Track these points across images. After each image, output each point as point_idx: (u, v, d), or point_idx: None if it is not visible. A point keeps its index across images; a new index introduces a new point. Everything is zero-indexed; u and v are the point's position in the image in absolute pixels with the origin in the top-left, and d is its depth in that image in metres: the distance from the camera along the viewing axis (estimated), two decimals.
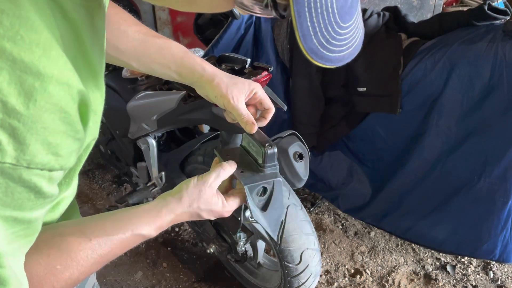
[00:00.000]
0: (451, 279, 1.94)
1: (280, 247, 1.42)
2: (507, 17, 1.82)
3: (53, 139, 0.37)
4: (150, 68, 0.81)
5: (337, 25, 0.40)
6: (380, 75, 1.94)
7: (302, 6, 0.37)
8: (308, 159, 1.61)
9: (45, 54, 0.34)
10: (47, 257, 0.50)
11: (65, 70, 0.37)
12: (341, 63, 0.43)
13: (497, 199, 1.76)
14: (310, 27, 0.39)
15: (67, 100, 0.37)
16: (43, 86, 0.34)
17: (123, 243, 0.59)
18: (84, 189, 2.54)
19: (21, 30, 0.33)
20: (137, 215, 0.62)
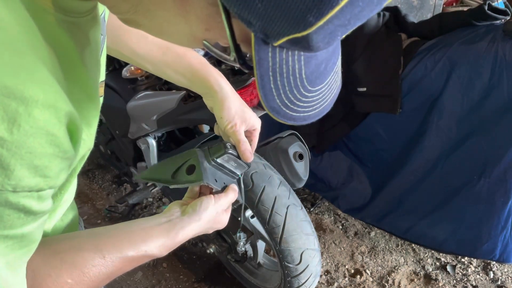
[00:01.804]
0: (451, 279, 1.94)
1: (280, 247, 1.42)
2: (507, 17, 1.82)
3: (39, 162, 0.36)
4: (165, 74, 0.82)
5: (304, 89, 0.40)
6: (380, 75, 1.94)
7: (266, 70, 0.37)
8: (308, 159, 1.61)
9: (29, 77, 0.33)
10: (59, 270, 0.50)
11: (51, 92, 0.35)
12: (305, 122, 0.43)
13: (497, 199, 1.76)
14: (273, 89, 0.39)
15: (53, 123, 0.36)
16: (28, 110, 0.33)
17: (134, 261, 0.59)
18: (84, 189, 2.54)
19: (5, 54, 0.32)
20: (153, 235, 0.62)
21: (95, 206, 2.40)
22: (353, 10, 0.32)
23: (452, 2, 3.20)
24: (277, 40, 0.35)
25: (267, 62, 0.37)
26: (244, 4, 0.32)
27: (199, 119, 1.58)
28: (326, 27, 0.33)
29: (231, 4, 0.33)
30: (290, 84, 0.39)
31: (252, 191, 1.41)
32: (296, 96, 0.40)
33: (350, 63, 2.00)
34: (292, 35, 0.34)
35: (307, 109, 0.42)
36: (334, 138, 2.18)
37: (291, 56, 0.38)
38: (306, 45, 0.35)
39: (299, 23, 0.32)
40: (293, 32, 0.33)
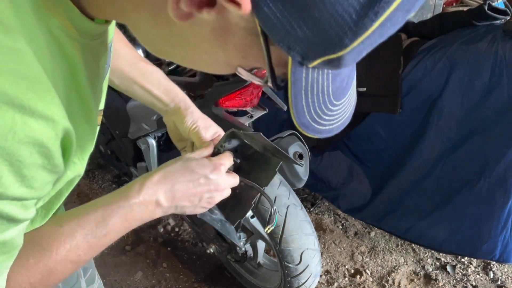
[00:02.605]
0: (451, 279, 1.94)
1: (280, 247, 1.42)
2: (507, 17, 1.82)
3: (27, 172, 0.36)
4: (130, 89, 0.82)
5: (331, 103, 0.43)
6: (380, 75, 1.93)
7: (300, 89, 0.40)
8: (308, 159, 1.61)
9: (31, 88, 0.34)
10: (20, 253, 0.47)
11: (51, 105, 0.36)
12: (330, 134, 0.46)
13: (497, 199, 1.76)
14: (305, 106, 0.41)
15: (49, 136, 0.36)
16: (24, 119, 0.33)
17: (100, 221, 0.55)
18: (84, 189, 2.54)
19: (10, 63, 0.32)
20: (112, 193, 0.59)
21: None
22: (381, 30, 0.34)
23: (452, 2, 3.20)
24: (313, 62, 0.37)
25: (301, 82, 0.39)
26: (286, 33, 0.33)
27: None
28: (357, 47, 0.35)
29: (274, 34, 0.34)
30: (319, 100, 0.41)
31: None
32: (323, 111, 0.43)
33: None
34: (327, 57, 0.36)
35: (332, 122, 0.44)
36: (334, 138, 2.18)
37: (321, 75, 0.40)
38: (337, 64, 0.37)
39: (336, 46, 0.34)
40: (328, 54, 0.35)
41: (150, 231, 2.22)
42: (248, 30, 0.37)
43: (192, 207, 0.64)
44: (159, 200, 0.60)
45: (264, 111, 1.53)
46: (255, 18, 0.34)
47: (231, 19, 0.36)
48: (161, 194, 0.60)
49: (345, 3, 0.31)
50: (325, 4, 0.31)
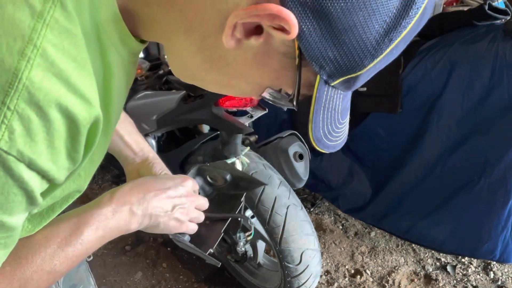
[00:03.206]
0: (452, 279, 1.94)
1: (280, 248, 1.42)
2: (507, 17, 1.82)
3: (57, 144, 0.38)
4: None
5: (338, 122, 0.49)
6: (380, 75, 1.90)
7: (320, 105, 0.45)
8: (308, 159, 1.61)
9: (78, 69, 0.37)
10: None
11: (91, 90, 0.39)
12: (334, 150, 0.52)
13: (497, 199, 1.76)
14: (320, 121, 0.47)
15: (83, 116, 0.38)
16: (67, 93, 0.36)
17: (74, 231, 0.55)
18: None
19: (65, 42, 0.36)
20: (86, 205, 0.60)
21: None
22: (389, 56, 0.42)
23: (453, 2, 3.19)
24: (335, 81, 0.43)
25: (322, 99, 0.45)
26: (320, 55, 0.40)
27: (199, 119, 1.58)
28: (371, 68, 0.43)
29: (310, 55, 0.40)
30: (331, 117, 0.47)
31: (252, 191, 1.41)
32: (333, 128, 0.49)
33: None
34: (348, 76, 0.43)
35: (337, 138, 0.51)
36: None
37: (336, 94, 0.46)
38: (352, 83, 0.44)
39: (357, 66, 0.41)
40: (350, 73, 0.42)
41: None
42: (286, 54, 0.42)
43: (166, 216, 0.65)
44: (132, 208, 0.61)
45: (264, 111, 1.53)
46: (295, 42, 0.40)
47: (273, 44, 0.41)
48: (133, 202, 0.61)
49: (369, 32, 0.38)
50: (354, 32, 0.38)
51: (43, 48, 0.34)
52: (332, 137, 0.49)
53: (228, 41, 0.40)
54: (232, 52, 0.43)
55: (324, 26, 0.38)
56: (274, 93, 0.48)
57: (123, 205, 0.60)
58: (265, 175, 1.44)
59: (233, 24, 0.39)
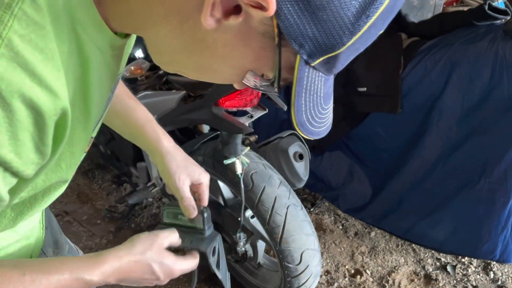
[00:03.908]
0: (452, 279, 1.94)
1: (280, 248, 1.42)
2: (507, 17, 1.82)
3: (21, 136, 0.38)
4: (111, 123, 0.84)
5: (321, 107, 0.48)
6: (380, 75, 1.93)
7: (301, 88, 0.45)
8: (308, 159, 1.60)
9: (44, 61, 0.37)
10: None
11: (58, 82, 0.39)
12: (318, 136, 0.51)
13: (498, 199, 1.76)
14: (303, 104, 0.46)
15: (49, 107, 0.38)
16: (32, 85, 0.36)
17: (60, 285, 0.55)
18: (84, 189, 2.54)
19: (33, 34, 0.36)
20: (80, 260, 0.60)
21: (95, 206, 2.40)
22: (367, 34, 0.41)
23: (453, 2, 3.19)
24: (316, 60, 0.43)
25: (303, 80, 0.44)
26: (299, 32, 0.40)
27: (199, 119, 1.57)
28: (350, 48, 0.42)
29: (289, 33, 0.40)
30: (313, 101, 0.47)
31: (252, 191, 1.41)
32: (316, 113, 0.48)
33: (350, 63, 1.99)
34: (328, 55, 0.42)
35: (320, 125, 0.50)
36: (334, 138, 2.18)
37: (317, 76, 0.45)
38: (332, 66, 0.44)
39: (337, 44, 0.41)
40: (329, 52, 0.42)
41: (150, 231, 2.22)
42: (265, 34, 0.42)
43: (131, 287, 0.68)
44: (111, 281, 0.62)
45: (264, 111, 1.53)
46: (274, 20, 0.40)
47: (252, 24, 0.41)
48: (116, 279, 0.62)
49: (346, 7, 0.38)
50: (331, 8, 0.38)
51: (9, 39, 0.34)
52: (316, 122, 0.49)
53: (207, 21, 0.40)
54: (212, 34, 0.43)
55: (302, 3, 0.38)
56: (256, 77, 0.48)
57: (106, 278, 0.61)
58: (265, 175, 1.44)
59: (211, 2, 0.39)
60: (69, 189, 2.52)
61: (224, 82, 0.52)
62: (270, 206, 1.40)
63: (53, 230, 0.90)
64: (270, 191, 1.41)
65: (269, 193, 1.41)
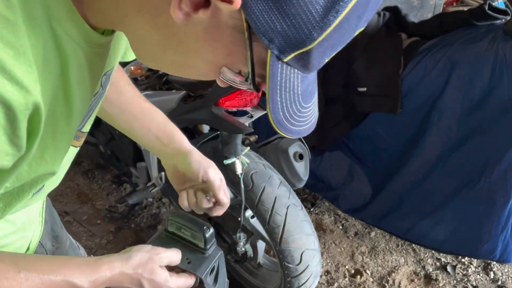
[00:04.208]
0: (452, 279, 1.94)
1: (280, 248, 1.42)
2: (508, 17, 1.82)
3: None
4: (129, 125, 0.83)
5: (299, 104, 0.48)
6: (381, 75, 1.93)
7: (276, 84, 0.44)
8: (308, 159, 1.60)
9: (15, 56, 0.37)
10: None
11: (29, 77, 0.39)
12: (298, 135, 0.50)
13: (498, 199, 1.76)
14: (279, 102, 0.45)
15: (19, 102, 0.38)
16: (2, 80, 0.36)
17: (52, 286, 0.56)
18: (84, 189, 2.54)
19: (4, 30, 0.36)
20: (76, 263, 0.61)
21: (95, 206, 2.40)
22: (340, 31, 0.41)
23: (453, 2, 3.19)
24: (287, 56, 0.42)
25: (276, 76, 0.44)
26: (267, 27, 0.40)
27: (199, 119, 1.57)
28: (323, 44, 0.41)
29: (258, 27, 0.40)
30: (290, 98, 0.46)
31: (252, 191, 1.41)
32: (294, 111, 0.47)
33: (350, 63, 1.99)
34: (299, 51, 0.42)
35: (300, 123, 0.49)
36: (334, 138, 2.18)
37: (293, 73, 0.45)
38: (306, 62, 0.43)
39: (306, 39, 0.40)
40: (301, 47, 0.41)
41: (150, 231, 2.22)
42: (235, 28, 0.42)
43: None
44: None
45: (264, 111, 1.53)
46: (242, 14, 0.40)
47: (221, 18, 0.41)
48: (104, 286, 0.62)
49: (314, 1, 0.38)
50: (299, 2, 0.38)
51: None
52: (295, 121, 0.48)
53: (176, 14, 0.40)
54: (184, 29, 0.43)
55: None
56: (231, 73, 0.48)
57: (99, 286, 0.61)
58: (265, 175, 1.44)
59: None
60: (69, 189, 2.52)
61: (203, 78, 0.52)
62: (270, 206, 1.40)
63: (54, 225, 0.91)
64: (270, 191, 1.41)
65: (269, 193, 1.41)
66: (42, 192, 0.61)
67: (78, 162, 2.71)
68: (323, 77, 2.12)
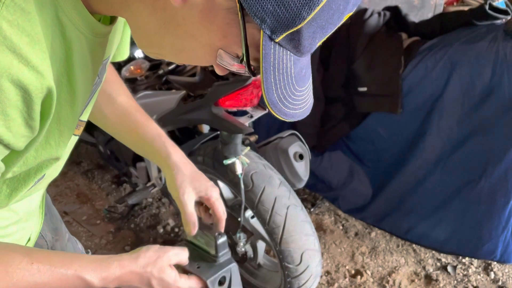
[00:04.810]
0: (452, 279, 1.94)
1: (280, 248, 1.41)
2: (508, 16, 1.82)
3: (10, 112, 0.41)
4: (122, 137, 0.85)
5: (293, 87, 0.49)
6: (381, 75, 1.93)
7: (269, 64, 0.45)
8: (308, 159, 1.60)
9: (31, 43, 0.40)
10: None
11: (44, 63, 0.41)
12: (293, 119, 0.51)
13: (498, 199, 1.75)
14: (273, 83, 0.46)
15: (35, 86, 0.41)
16: (19, 65, 0.39)
17: (62, 280, 0.58)
18: (84, 189, 2.54)
19: (20, 19, 0.39)
20: (87, 260, 0.62)
21: (95, 207, 2.39)
22: (329, 11, 0.42)
23: (453, 1, 3.19)
24: (279, 36, 0.44)
25: (270, 57, 0.45)
26: (259, 7, 0.41)
27: (199, 119, 1.57)
28: (312, 24, 0.43)
29: (250, 7, 0.41)
30: (284, 80, 0.47)
31: (252, 191, 1.41)
32: (288, 93, 0.48)
33: (350, 62, 1.99)
34: (290, 30, 0.43)
35: (295, 106, 0.50)
36: (334, 138, 2.18)
37: (285, 55, 0.46)
38: (298, 43, 0.45)
39: (296, 17, 0.42)
40: (291, 26, 0.42)
41: (149, 232, 2.22)
42: (229, 9, 0.43)
43: None
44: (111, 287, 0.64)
45: (264, 111, 1.53)
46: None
47: (216, 0, 0.43)
48: (114, 285, 0.64)
49: None
50: None
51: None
52: (289, 103, 0.49)
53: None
54: (181, 12, 0.45)
55: None
56: (227, 56, 0.49)
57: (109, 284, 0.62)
58: (265, 175, 1.43)
59: None
60: (68, 189, 2.52)
61: (201, 63, 0.54)
62: (270, 207, 1.40)
63: (53, 217, 0.92)
64: (270, 191, 1.41)
65: (269, 193, 1.41)
66: (44, 180, 0.62)
67: (77, 162, 2.71)
68: (323, 77, 2.12)
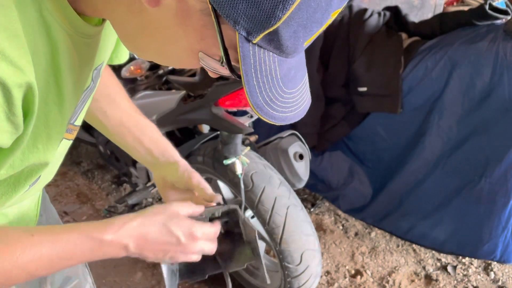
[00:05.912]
0: (452, 279, 1.94)
1: (280, 248, 1.41)
2: (508, 16, 1.82)
3: None
4: (123, 139, 0.85)
5: (280, 89, 0.46)
6: (381, 75, 1.93)
7: (249, 66, 0.44)
8: (308, 159, 1.60)
9: (9, 39, 0.39)
10: None
11: (23, 58, 0.40)
12: (284, 122, 0.48)
13: (498, 199, 1.75)
14: (256, 86, 0.45)
15: (14, 81, 0.39)
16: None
17: (68, 245, 0.55)
18: (83, 190, 2.54)
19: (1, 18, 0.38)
20: (88, 223, 0.59)
21: (95, 207, 2.39)
22: (308, 10, 0.40)
23: (453, 1, 3.19)
24: (256, 37, 0.42)
25: (249, 59, 0.43)
26: (231, 7, 0.39)
27: (199, 119, 1.57)
28: (290, 23, 0.40)
29: (222, 8, 0.40)
30: (269, 82, 0.45)
31: (252, 191, 1.41)
32: (274, 95, 0.46)
33: (350, 62, 1.99)
34: (266, 31, 0.41)
35: (285, 109, 0.48)
36: (334, 138, 2.18)
37: (268, 56, 0.44)
38: (278, 44, 0.43)
39: (270, 18, 0.40)
40: (267, 27, 0.41)
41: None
42: (203, 11, 0.42)
43: (154, 258, 0.64)
44: (128, 245, 0.59)
45: None
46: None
47: (189, 1, 0.42)
48: (132, 241, 0.59)
49: None
50: None
51: None
52: (278, 106, 0.47)
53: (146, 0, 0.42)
54: (157, 15, 0.44)
55: None
56: (208, 58, 0.47)
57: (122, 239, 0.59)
58: (265, 175, 1.43)
59: None
60: (68, 190, 2.52)
61: (185, 67, 0.53)
62: (270, 207, 1.40)
63: (50, 218, 0.90)
64: (270, 191, 1.41)
65: (269, 193, 1.41)
66: (38, 184, 0.61)
67: (77, 162, 2.71)
68: (323, 77, 2.12)
